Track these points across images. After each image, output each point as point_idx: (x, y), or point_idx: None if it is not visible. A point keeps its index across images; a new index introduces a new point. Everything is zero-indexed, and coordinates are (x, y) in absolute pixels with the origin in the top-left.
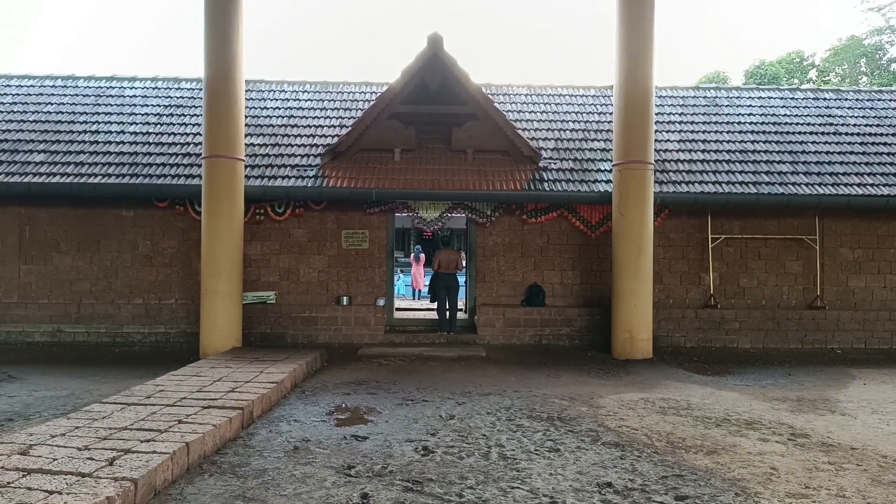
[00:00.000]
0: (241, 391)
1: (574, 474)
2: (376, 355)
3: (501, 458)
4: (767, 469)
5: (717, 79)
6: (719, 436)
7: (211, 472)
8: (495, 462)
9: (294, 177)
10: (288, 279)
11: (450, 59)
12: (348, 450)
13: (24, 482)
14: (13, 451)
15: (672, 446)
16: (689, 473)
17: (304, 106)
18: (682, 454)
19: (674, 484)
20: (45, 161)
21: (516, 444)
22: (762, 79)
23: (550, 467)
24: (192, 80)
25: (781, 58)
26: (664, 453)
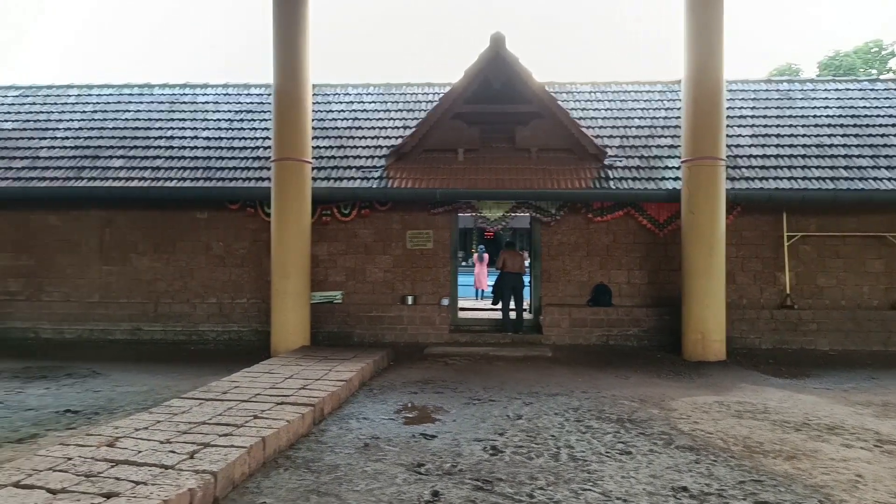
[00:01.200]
0: (312, 388)
1: (647, 478)
2: (442, 355)
3: (571, 460)
4: (852, 476)
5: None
6: (799, 441)
7: (286, 466)
8: (565, 463)
9: (359, 178)
10: (354, 279)
11: (512, 57)
12: (417, 448)
13: (112, 473)
14: (101, 442)
15: (749, 451)
16: (769, 479)
17: (367, 108)
18: (760, 459)
19: (752, 489)
20: (123, 166)
21: (586, 445)
22: (837, 70)
23: (622, 470)
24: (260, 86)
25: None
26: (741, 458)
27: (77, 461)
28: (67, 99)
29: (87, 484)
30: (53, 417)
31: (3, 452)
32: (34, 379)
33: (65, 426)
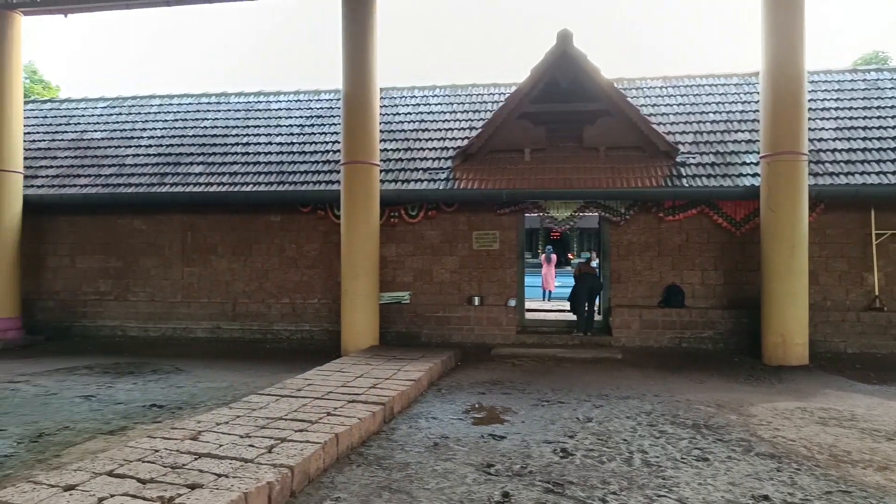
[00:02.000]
0: (382, 388)
1: (726, 485)
2: (509, 356)
3: (645, 465)
4: None
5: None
6: (891, 450)
7: (358, 462)
8: (639, 468)
9: (426, 180)
10: (421, 280)
11: (579, 54)
12: (486, 448)
13: (196, 465)
14: (185, 436)
15: (836, 460)
16: (858, 490)
17: (434, 110)
18: (847, 469)
19: (840, 500)
20: (203, 172)
21: (660, 450)
22: None
23: (699, 476)
24: (330, 92)
25: None
26: (827, 467)
27: (163, 453)
28: (150, 109)
29: (173, 475)
30: (140, 411)
31: (97, 443)
32: (122, 374)
33: (151, 419)
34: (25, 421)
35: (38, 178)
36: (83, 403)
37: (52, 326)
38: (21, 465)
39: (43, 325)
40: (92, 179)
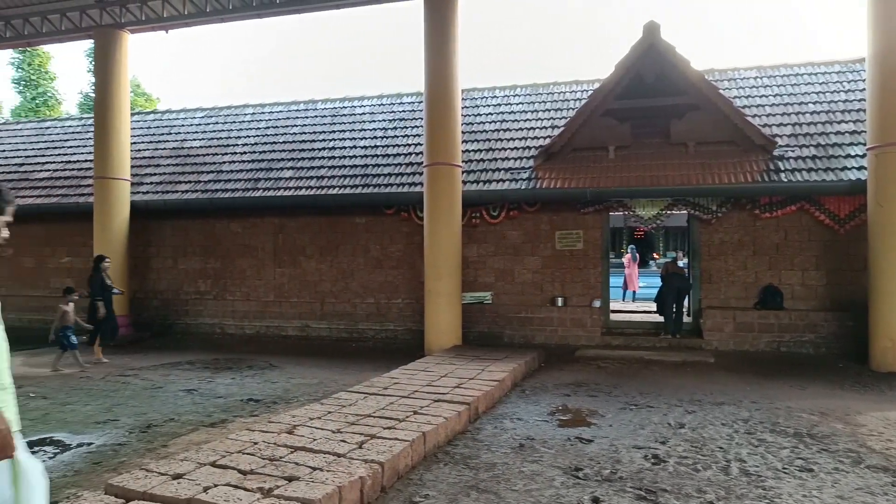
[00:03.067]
0: (466, 387)
1: (833, 499)
2: (594, 357)
3: (743, 474)
4: None
5: None
6: None
7: (445, 461)
8: (737, 478)
9: (508, 180)
10: (503, 280)
11: (667, 46)
12: (574, 451)
13: (292, 458)
14: (281, 430)
15: None
16: None
17: (515, 110)
18: None
19: None
20: (293, 176)
21: (759, 459)
22: None
23: (803, 488)
24: (412, 95)
25: None
26: None
27: (262, 446)
28: (244, 117)
29: (271, 467)
30: (239, 405)
31: (200, 434)
32: (221, 370)
33: (249, 413)
34: (136, 412)
35: (143, 185)
36: (186, 396)
37: (157, 323)
38: (133, 454)
39: (149, 322)
40: (192, 185)
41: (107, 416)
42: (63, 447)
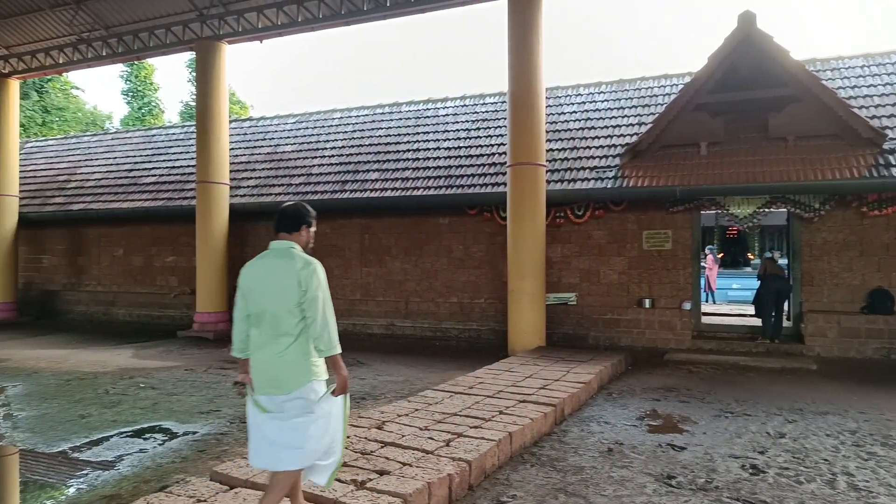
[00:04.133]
0: (552, 389)
1: None
2: (684, 361)
3: (852, 489)
4: None
5: None
6: None
7: (532, 462)
8: (844, 492)
9: (593, 179)
10: (588, 281)
11: (764, 36)
12: (665, 458)
13: (383, 452)
14: (371, 425)
15: None
16: None
17: (599, 107)
18: None
19: None
20: (378, 178)
21: (870, 474)
22: None
23: None
24: (494, 95)
25: None
26: None
27: (353, 440)
28: (332, 121)
29: (363, 460)
30: None
31: None
32: None
33: None
34: (235, 403)
35: (240, 189)
36: None
37: None
38: (235, 443)
39: None
40: (284, 188)
41: (209, 406)
42: (171, 435)
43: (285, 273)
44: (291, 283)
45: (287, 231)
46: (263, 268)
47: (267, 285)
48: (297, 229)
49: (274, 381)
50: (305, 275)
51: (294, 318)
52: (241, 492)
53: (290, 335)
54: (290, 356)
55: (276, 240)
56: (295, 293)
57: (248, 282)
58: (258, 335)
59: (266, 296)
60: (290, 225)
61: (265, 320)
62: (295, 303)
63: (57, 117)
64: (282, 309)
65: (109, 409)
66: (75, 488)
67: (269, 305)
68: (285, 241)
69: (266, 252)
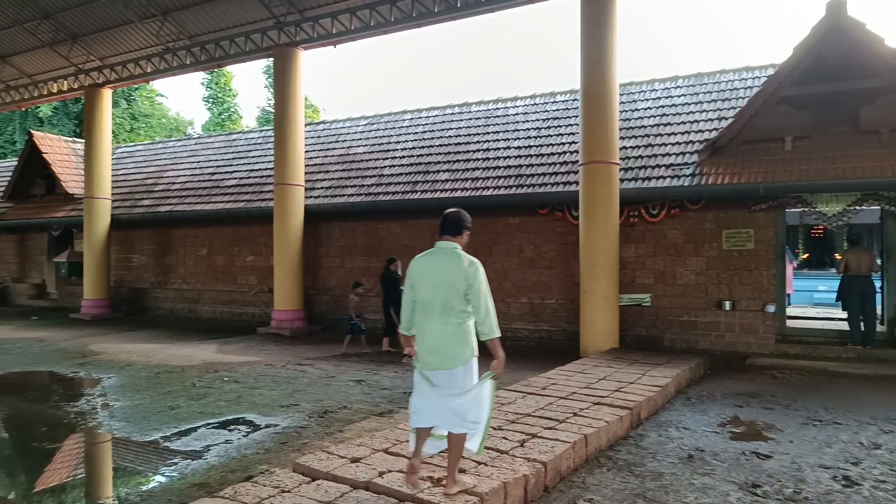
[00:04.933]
0: (627, 391)
1: None
2: (768, 366)
3: None
4: None
5: None
6: None
7: (608, 466)
8: None
9: (669, 176)
10: (663, 281)
11: (855, 23)
12: (749, 466)
13: None
14: None
15: None
16: None
17: (676, 102)
18: None
19: None
20: (448, 178)
21: None
22: None
23: None
24: (566, 93)
25: None
26: None
27: None
28: (402, 123)
29: (437, 458)
30: (403, 397)
31: (370, 422)
32: (385, 363)
33: None
34: (313, 398)
35: (315, 190)
36: (356, 387)
37: (326, 318)
38: (314, 436)
39: (320, 316)
40: (357, 189)
41: (289, 400)
42: (254, 427)
43: (453, 269)
44: (459, 278)
45: (451, 234)
46: (432, 264)
47: (436, 278)
48: (459, 233)
49: (441, 358)
50: (471, 271)
51: (459, 307)
52: (322, 484)
53: (456, 321)
54: (455, 338)
55: (442, 241)
56: (462, 286)
57: (417, 274)
58: (424, 320)
59: (435, 287)
60: (454, 229)
61: (433, 308)
62: (461, 294)
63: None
64: (450, 298)
65: (196, 401)
66: (167, 476)
67: (438, 295)
68: (450, 242)
69: (433, 250)
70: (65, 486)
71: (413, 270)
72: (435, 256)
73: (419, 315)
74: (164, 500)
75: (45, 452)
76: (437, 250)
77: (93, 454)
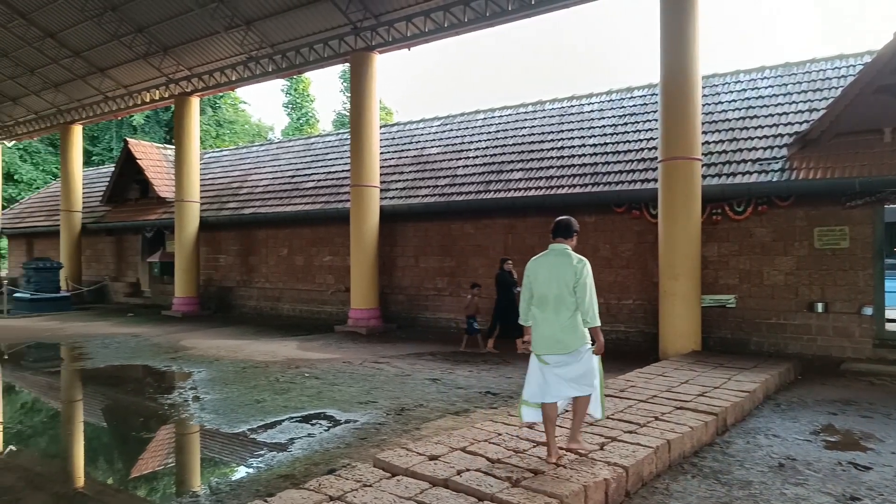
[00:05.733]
0: (711, 396)
1: None
2: (864, 373)
3: None
4: None
5: None
6: None
7: (693, 473)
8: None
9: (755, 172)
10: (749, 282)
11: None
12: (846, 478)
13: (535, 452)
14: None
15: None
16: None
17: (763, 94)
18: None
19: None
20: (522, 178)
21: None
22: None
23: None
24: (643, 88)
25: None
26: None
27: (505, 437)
28: (475, 123)
29: (515, 458)
30: (478, 396)
31: (447, 421)
32: (460, 363)
33: (487, 405)
34: (390, 396)
35: (390, 191)
36: (431, 385)
37: (401, 316)
38: (392, 433)
39: (394, 315)
40: (430, 190)
41: (367, 397)
42: (334, 422)
43: (565, 266)
44: (569, 274)
45: (563, 237)
46: (547, 263)
47: (549, 275)
48: (570, 236)
49: (558, 343)
50: (579, 267)
51: (571, 299)
52: (402, 480)
53: (567, 312)
54: (568, 325)
55: (555, 243)
56: (571, 280)
57: (534, 272)
58: (541, 311)
59: (549, 282)
60: (565, 232)
61: (549, 300)
62: (571, 287)
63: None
64: (562, 292)
65: (280, 395)
66: (255, 467)
67: (552, 289)
68: (562, 244)
69: (547, 252)
70: (159, 473)
71: (530, 269)
72: (549, 257)
73: (536, 307)
74: (253, 491)
75: (141, 441)
76: (551, 251)
77: (185, 444)
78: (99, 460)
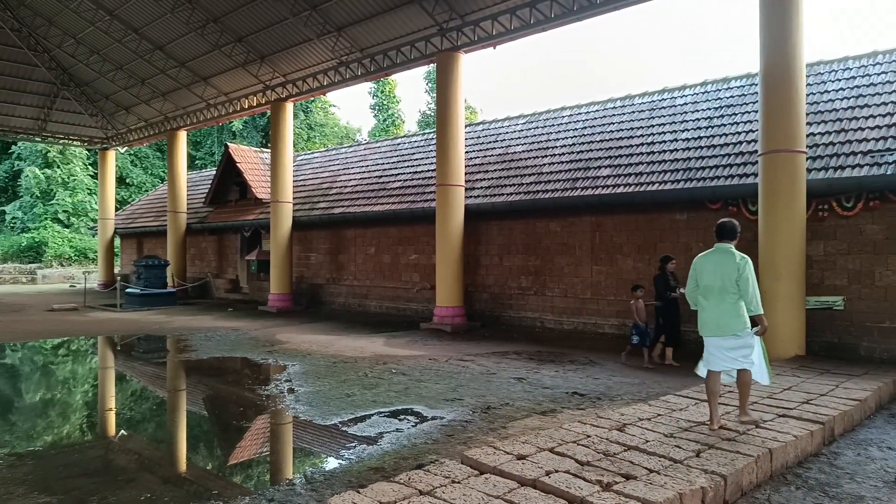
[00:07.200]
0: (817, 404)
1: None
2: None
3: None
4: None
5: None
6: None
7: (796, 485)
8: None
9: (866, 164)
10: (859, 283)
11: None
12: None
13: (626, 456)
14: (611, 426)
15: None
16: None
17: (874, 81)
18: None
19: None
20: (610, 175)
21: None
22: None
23: None
24: (741, 78)
25: None
26: None
27: (595, 439)
28: (561, 119)
29: (606, 462)
30: (564, 397)
31: (533, 421)
32: (545, 362)
33: (575, 406)
34: (475, 394)
35: (474, 190)
36: (516, 384)
37: (485, 315)
38: (478, 431)
39: (479, 313)
40: (515, 188)
41: (453, 395)
42: (421, 418)
43: (729, 263)
44: (732, 269)
45: (728, 238)
46: (712, 259)
47: (715, 269)
48: (734, 237)
49: (720, 326)
50: (742, 264)
51: (731, 290)
52: (490, 478)
53: (730, 300)
54: (730, 312)
55: (720, 243)
56: (734, 275)
57: (701, 266)
58: (706, 300)
59: (713, 275)
60: (730, 234)
61: (713, 290)
62: (733, 281)
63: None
64: (725, 284)
65: (369, 390)
66: (346, 459)
67: (716, 281)
68: (726, 244)
69: (713, 250)
70: (256, 461)
71: (697, 264)
72: (714, 254)
73: (701, 296)
74: (345, 481)
75: (240, 430)
76: (717, 249)
77: (280, 434)
78: (200, 447)
